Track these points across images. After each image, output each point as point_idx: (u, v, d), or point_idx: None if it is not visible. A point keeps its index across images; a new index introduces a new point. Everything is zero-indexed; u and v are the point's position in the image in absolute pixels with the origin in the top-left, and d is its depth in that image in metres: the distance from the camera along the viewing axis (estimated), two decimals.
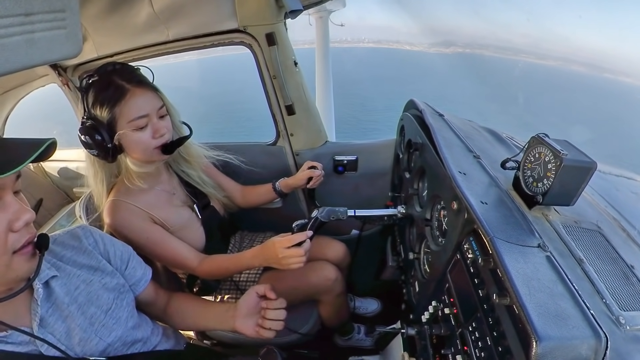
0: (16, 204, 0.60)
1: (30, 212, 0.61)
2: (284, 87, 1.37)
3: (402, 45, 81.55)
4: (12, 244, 0.59)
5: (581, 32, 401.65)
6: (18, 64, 0.57)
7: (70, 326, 0.73)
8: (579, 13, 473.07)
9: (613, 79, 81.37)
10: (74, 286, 0.76)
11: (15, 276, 0.61)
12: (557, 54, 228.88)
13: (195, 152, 1.26)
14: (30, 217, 0.61)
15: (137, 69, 1.03)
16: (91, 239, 0.83)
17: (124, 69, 1.00)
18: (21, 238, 0.60)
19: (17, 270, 0.61)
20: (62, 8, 0.62)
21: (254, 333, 0.92)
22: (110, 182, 1.09)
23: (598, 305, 0.57)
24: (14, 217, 0.59)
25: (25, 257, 0.62)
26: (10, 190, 0.60)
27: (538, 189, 0.74)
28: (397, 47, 77.84)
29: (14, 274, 0.61)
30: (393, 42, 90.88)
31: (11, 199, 0.60)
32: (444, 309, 0.78)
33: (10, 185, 0.60)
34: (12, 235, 0.59)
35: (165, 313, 1.02)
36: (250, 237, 1.49)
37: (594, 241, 0.74)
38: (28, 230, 0.62)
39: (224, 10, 1.24)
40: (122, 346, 0.80)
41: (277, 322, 0.91)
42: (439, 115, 1.24)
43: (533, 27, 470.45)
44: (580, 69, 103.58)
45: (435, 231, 0.99)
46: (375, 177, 1.66)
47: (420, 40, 74.71)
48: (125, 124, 0.97)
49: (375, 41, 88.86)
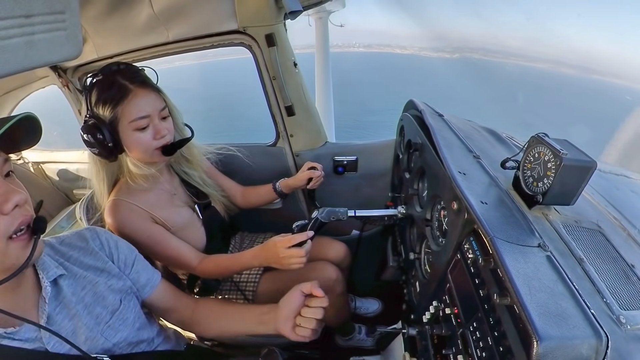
0: (4, 186, 0.59)
1: (20, 194, 0.59)
2: (283, 88, 1.37)
3: (393, 49, 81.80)
4: (5, 227, 0.57)
5: (573, 33, 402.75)
6: (18, 66, 0.57)
7: (77, 325, 0.73)
8: (577, 13, 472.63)
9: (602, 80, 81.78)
10: (80, 286, 0.76)
11: (12, 264, 0.59)
12: (548, 56, 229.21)
13: (197, 153, 1.26)
14: (19, 198, 0.59)
15: (142, 70, 1.04)
16: (97, 241, 0.83)
17: (128, 69, 1.00)
18: (14, 221, 0.58)
19: (14, 257, 0.59)
20: (62, 9, 0.62)
21: (293, 334, 0.84)
22: (111, 181, 1.09)
23: (599, 305, 0.56)
24: (2, 199, 0.57)
25: (21, 244, 0.60)
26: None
27: (538, 188, 0.74)
28: (389, 50, 78.11)
29: (10, 261, 0.59)
30: (384, 45, 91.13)
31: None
32: (445, 309, 0.78)
33: None
34: (3, 219, 0.57)
35: (192, 319, 0.98)
36: (250, 237, 1.49)
37: (595, 240, 0.74)
38: (21, 212, 0.60)
39: (223, 11, 1.24)
40: (127, 346, 0.80)
41: (313, 320, 0.83)
42: (439, 115, 1.24)
43: (521, 29, 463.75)
44: (571, 71, 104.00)
45: (435, 231, 0.99)
46: (376, 178, 1.66)
47: (411, 44, 74.80)
48: (126, 124, 0.98)
49: (366, 45, 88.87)
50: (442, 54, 64.23)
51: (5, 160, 0.61)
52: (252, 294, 1.26)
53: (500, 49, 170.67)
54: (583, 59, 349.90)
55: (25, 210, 0.61)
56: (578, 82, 65.72)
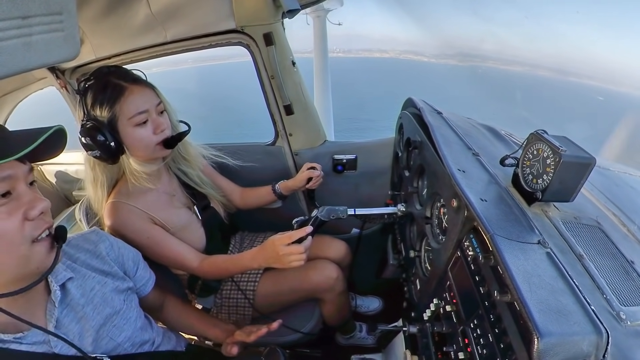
0: (30, 194, 0.62)
1: (45, 201, 0.63)
2: (282, 87, 1.37)
3: (372, 53, 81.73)
4: (30, 232, 0.60)
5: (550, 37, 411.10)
6: (15, 67, 0.57)
7: (84, 327, 0.74)
8: (573, 13, 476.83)
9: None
10: (89, 287, 0.77)
11: (35, 268, 0.62)
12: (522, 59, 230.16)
13: (194, 151, 1.27)
14: (45, 205, 0.63)
15: (131, 70, 1.05)
16: (104, 245, 0.85)
17: (119, 70, 1.02)
18: (38, 227, 0.62)
19: (37, 261, 0.62)
20: (60, 10, 0.62)
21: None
22: (110, 185, 1.09)
23: (599, 301, 0.57)
24: (29, 206, 0.61)
25: (44, 247, 0.63)
26: (23, 181, 0.62)
27: (537, 185, 0.74)
28: (368, 55, 78.10)
29: (34, 265, 0.62)
30: (365, 50, 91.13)
31: (25, 188, 0.62)
32: (446, 307, 0.79)
33: (22, 176, 0.62)
34: (28, 224, 0.60)
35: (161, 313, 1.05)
36: (250, 237, 1.49)
37: (594, 237, 0.74)
38: (45, 219, 0.64)
39: (221, 11, 1.23)
40: (130, 346, 0.81)
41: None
42: (438, 113, 1.24)
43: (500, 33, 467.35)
44: (547, 73, 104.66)
45: (435, 229, 0.99)
46: (375, 176, 1.66)
47: (393, 47, 75.59)
48: (125, 121, 0.98)
49: (345, 50, 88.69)
50: (422, 57, 64.54)
51: (31, 169, 0.64)
52: (252, 294, 1.26)
53: (478, 52, 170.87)
54: (560, 61, 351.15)
55: (48, 217, 0.65)
56: (555, 83, 66.28)
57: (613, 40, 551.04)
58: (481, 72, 72.89)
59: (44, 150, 0.62)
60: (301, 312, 1.32)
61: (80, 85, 1.00)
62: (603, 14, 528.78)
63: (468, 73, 55.61)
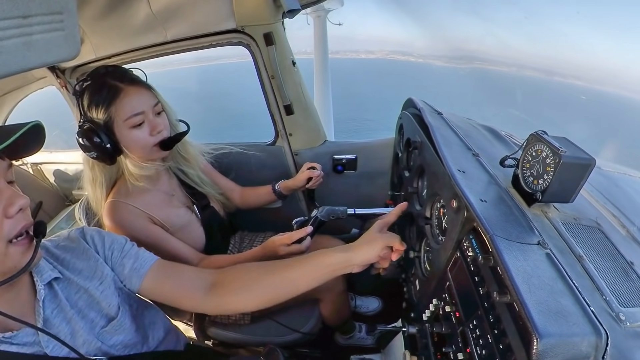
0: (9, 190, 0.60)
1: (24, 198, 0.61)
2: (282, 87, 1.37)
3: (359, 54, 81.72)
4: (8, 230, 0.59)
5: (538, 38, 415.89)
6: (16, 67, 0.57)
7: (74, 328, 0.73)
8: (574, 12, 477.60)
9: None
10: (74, 291, 0.76)
11: (12, 266, 0.60)
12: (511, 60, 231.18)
13: (194, 151, 1.27)
14: (24, 202, 0.61)
15: (129, 70, 1.04)
16: (85, 239, 0.81)
17: (116, 70, 1.01)
18: (17, 224, 0.60)
19: (15, 260, 0.60)
20: (60, 10, 0.62)
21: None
22: (109, 185, 1.09)
23: (598, 302, 0.57)
24: (7, 203, 0.59)
25: (22, 247, 0.61)
26: (1, 178, 0.60)
27: (537, 186, 0.74)
28: (354, 56, 78.13)
29: (11, 263, 0.60)
30: (352, 51, 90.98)
31: (4, 185, 0.60)
32: (445, 307, 0.79)
33: (1, 173, 0.60)
34: (7, 222, 0.59)
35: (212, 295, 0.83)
36: (250, 237, 1.49)
37: (594, 238, 0.74)
38: (24, 217, 0.62)
39: (221, 11, 1.23)
40: (123, 348, 0.80)
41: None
42: (438, 113, 1.24)
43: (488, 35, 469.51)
44: (534, 73, 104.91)
45: (435, 229, 0.99)
46: (375, 176, 1.66)
47: (380, 48, 75.82)
48: (121, 123, 0.98)
49: (333, 52, 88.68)
50: (409, 57, 64.68)
51: (9, 166, 0.62)
52: None
53: (465, 54, 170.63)
54: (546, 62, 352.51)
55: (28, 215, 0.63)
56: (541, 83, 66.43)
57: (612, 41, 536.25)
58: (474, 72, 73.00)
59: (23, 147, 0.61)
60: (300, 312, 1.32)
61: (77, 86, 1.00)
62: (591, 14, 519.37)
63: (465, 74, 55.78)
